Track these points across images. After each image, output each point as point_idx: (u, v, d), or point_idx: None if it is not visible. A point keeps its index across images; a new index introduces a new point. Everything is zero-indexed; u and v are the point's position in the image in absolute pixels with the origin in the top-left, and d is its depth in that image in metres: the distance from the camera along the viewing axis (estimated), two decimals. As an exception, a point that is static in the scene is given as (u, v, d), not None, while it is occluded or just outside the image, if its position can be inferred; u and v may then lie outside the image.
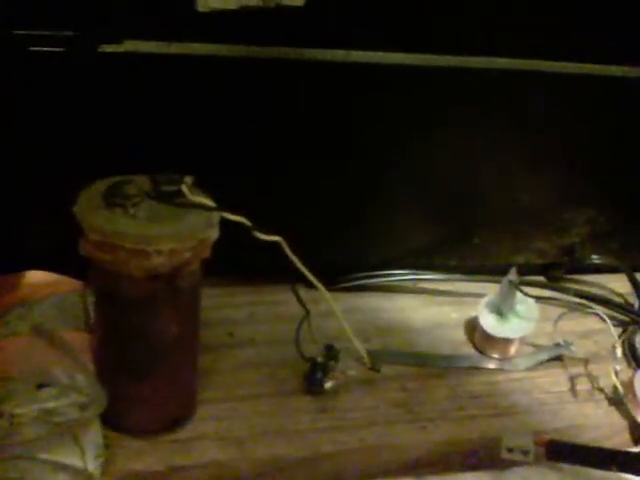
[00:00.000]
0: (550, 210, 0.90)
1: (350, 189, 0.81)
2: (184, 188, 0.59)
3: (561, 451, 0.65)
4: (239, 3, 0.64)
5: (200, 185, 0.60)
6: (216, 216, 0.59)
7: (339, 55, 0.71)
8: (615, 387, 0.75)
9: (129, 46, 0.66)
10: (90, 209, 0.57)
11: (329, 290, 0.71)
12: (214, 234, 0.59)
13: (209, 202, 0.59)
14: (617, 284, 0.96)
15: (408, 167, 0.82)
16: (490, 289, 0.83)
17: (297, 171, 0.79)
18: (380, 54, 0.72)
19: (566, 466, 0.65)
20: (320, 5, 0.67)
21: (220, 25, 0.66)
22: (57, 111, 0.69)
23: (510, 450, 0.64)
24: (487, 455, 0.68)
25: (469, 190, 0.86)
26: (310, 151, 0.78)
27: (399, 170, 0.82)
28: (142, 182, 0.59)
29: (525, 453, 0.63)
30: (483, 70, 0.76)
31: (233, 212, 0.60)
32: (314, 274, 0.68)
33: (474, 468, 0.67)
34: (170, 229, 0.56)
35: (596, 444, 0.69)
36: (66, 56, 0.65)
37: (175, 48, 0.67)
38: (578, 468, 0.65)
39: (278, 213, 0.73)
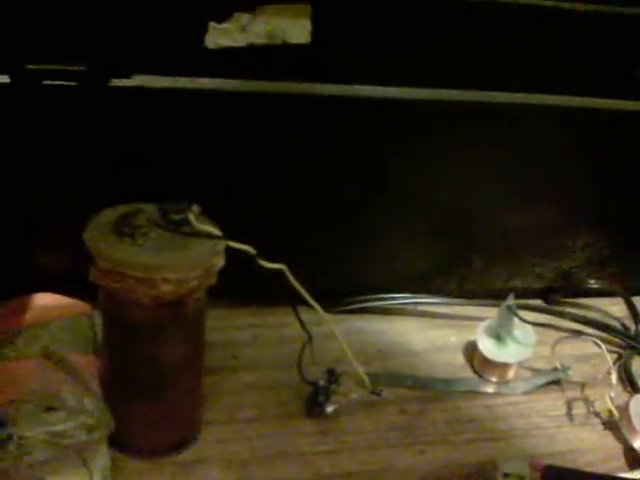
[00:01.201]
0: (548, 234, 0.92)
1: (352, 216, 0.83)
2: (191, 217, 0.60)
3: (556, 476, 0.66)
4: (246, 41, 0.66)
5: (207, 213, 0.62)
6: (222, 244, 0.60)
7: (344, 90, 0.73)
8: (610, 412, 0.77)
9: (138, 81, 0.68)
10: (99, 237, 0.58)
11: (332, 313, 0.73)
12: (220, 262, 0.60)
13: (215, 230, 0.61)
14: (616, 308, 0.98)
15: (408, 193, 0.83)
16: (489, 312, 0.84)
17: (301, 200, 0.80)
18: (383, 88, 0.74)
19: (562, 491, 0.66)
20: (327, 42, 0.69)
21: (228, 60, 0.68)
22: (68, 142, 0.70)
23: (506, 476, 0.65)
24: (485, 479, 0.69)
25: (468, 215, 0.87)
26: (312, 180, 0.80)
27: (400, 196, 0.83)
28: (150, 211, 0.61)
29: (521, 479, 0.64)
30: (482, 102, 0.78)
31: (239, 240, 0.61)
32: (316, 297, 0.69)
33: (472, 491, 0.68)
34: (177, 258, 0.58)
35: (591, 468, 0.70)
36: (77, 90, 0.67)
37: (183, 83, 0.69)
38: (573, 493, 0.66)
39: (282, 237, 0.75)
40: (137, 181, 0.69)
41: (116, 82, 0.68)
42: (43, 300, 0.74)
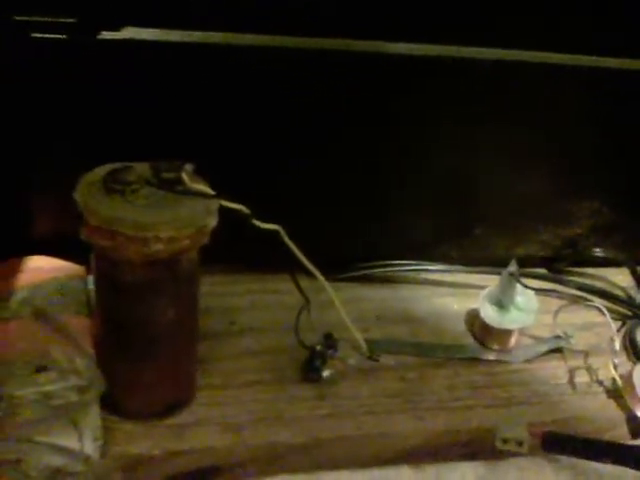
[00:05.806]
0: (553, 202, 0.90)
1: (353, 182, 0.82)
2: (184, 175, 0.59)
3: (556, 443, 0.65)
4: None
5: (201, 173, 0.61)
6: (215, 204, 0.59)
7: (341, 44, 0.71)
8: (614, 380, 0.76)
9: (129, 33, 0.67)
10: (90, 195, 0.57)
11: (333, 280, 0.72)
12: (213, 222, 0.59)
13: (208, 190, 0.60)
14: (621, 277, 0.96)
15: (410, 159, 0.82)
16: (492, 281, 0.82)
17: (300, 164, 0.79)
18: (382, 44, 0.72)
19: (562, 458, 0.65)
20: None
21: (222, 13, 0.67)
22: (58, 97, 0.69)
23: (505, 441, 0.64)
24: (484, 445, 0.68)
25: (471, 181, 0.86)
26: (314, 144, 0.78)
27: (401, 163, 0.82)
28: (142, 169, 0.60)
29: (519, 444, 0.64)
30: (482, 61, 0.75)
31: (233, 200, 0.60)
32: (315, 264, 0.68)
33: (471, 458, 0.67)
34: (169, 216, 0.56)
35: (594, 436, 0.69)
36: (66, 42, 0.65)
37: (174, 36, 0.67)
38: (574, 460, 0.65)
39: (283, 203, 0.73)
40: (129, 138, 0.68)
41: (106, 35, 0.66)
42: (37, 262, 0.73)
